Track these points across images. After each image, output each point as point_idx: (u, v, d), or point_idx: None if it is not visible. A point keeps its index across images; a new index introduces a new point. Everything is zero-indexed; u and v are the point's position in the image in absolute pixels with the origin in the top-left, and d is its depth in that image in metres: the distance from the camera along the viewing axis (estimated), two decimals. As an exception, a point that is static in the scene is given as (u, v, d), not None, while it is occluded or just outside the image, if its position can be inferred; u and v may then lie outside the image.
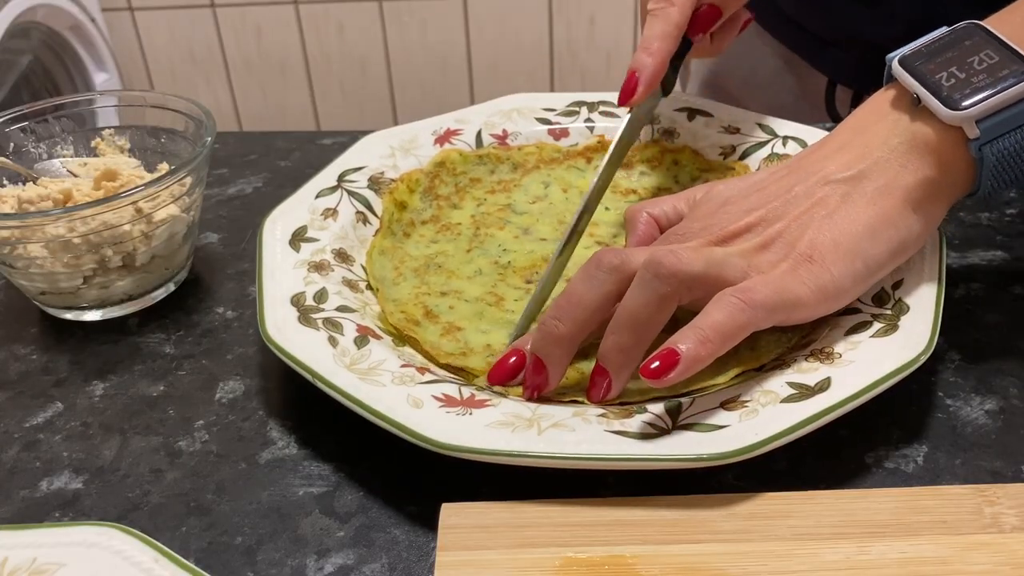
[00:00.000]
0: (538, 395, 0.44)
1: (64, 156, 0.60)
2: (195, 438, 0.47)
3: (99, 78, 1.94)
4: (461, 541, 0.38)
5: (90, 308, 0.55)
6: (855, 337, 0.44)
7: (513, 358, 0.45)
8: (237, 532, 0.41)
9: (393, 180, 0.60)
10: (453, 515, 0.39)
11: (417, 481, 0.43)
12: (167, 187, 0.52)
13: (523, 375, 0.45)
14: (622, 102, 0.56)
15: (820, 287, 0.43)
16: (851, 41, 0.73)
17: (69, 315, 0.55)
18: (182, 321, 0.55)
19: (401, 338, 0.49)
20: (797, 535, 0.38)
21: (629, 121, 0.57)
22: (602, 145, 0.64)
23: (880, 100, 0.49)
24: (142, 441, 0.47)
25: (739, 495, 0.40)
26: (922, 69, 0.46)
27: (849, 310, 0.46)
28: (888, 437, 0.44)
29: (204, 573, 0.35)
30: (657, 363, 0.40)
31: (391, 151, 0.62)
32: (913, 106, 0.46)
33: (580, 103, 0.67)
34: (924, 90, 0.45)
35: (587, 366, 0.46)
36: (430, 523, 0.40)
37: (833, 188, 0.45)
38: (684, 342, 0.40)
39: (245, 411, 0.48)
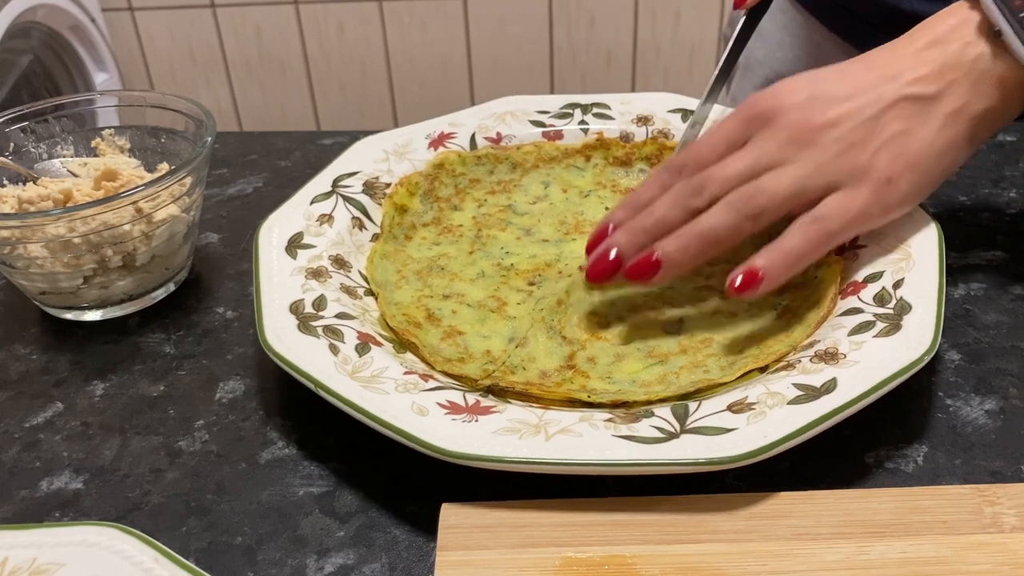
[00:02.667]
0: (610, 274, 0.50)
1: (64, 156, 0.60)
2: (195, 438, 0.47)
3: (99, 78, 1.94)
4: (461, 541, 0.38)
5: (90, 308, 0.55)
6: (858, 337, 0.44)
7: (615, 255, 0.51)
8: (237, 532, 0.41)
9: (388, 184, 0.60)
10: (453, 515, 0.39)
11: (417, 481, 0.43)
12: (167, 187, 0.52)
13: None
14: (737, 5, 0.61)
15: (890, 206, 0.49)
16: (904, 24, 0.74)
17: (69, 315, 0.55)
18: (182, 321, 0.55)
19: (402, 344, 0.49)
20: (797, 535, 0.38)
21: (742, 26, 0.62)
22: (601, 143, 0.64)
23: (961, 18, 0.50)
24: (142, 441, 0.47)
25: (739, 495, 0.40)
26: (1008, 3, 0.48)
27: (852, 310, 0.47)
28: (888, 437, 0.45)
29: (204, 573, 0.35)
30: (740, 281, 0.47)
31: (385, 155, 0.62)
32: (993, 37, 0.48)
33: (574, 105, 0.67)
34: (1008, 27, 0.47)
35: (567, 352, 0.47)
36: (430, 523, 0.40)
37: (911, 105, 0.49)
38: (765, 263, 0.47)
39: (245, 411, 0.48)
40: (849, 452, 0.44)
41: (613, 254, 0.50)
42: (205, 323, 0.55)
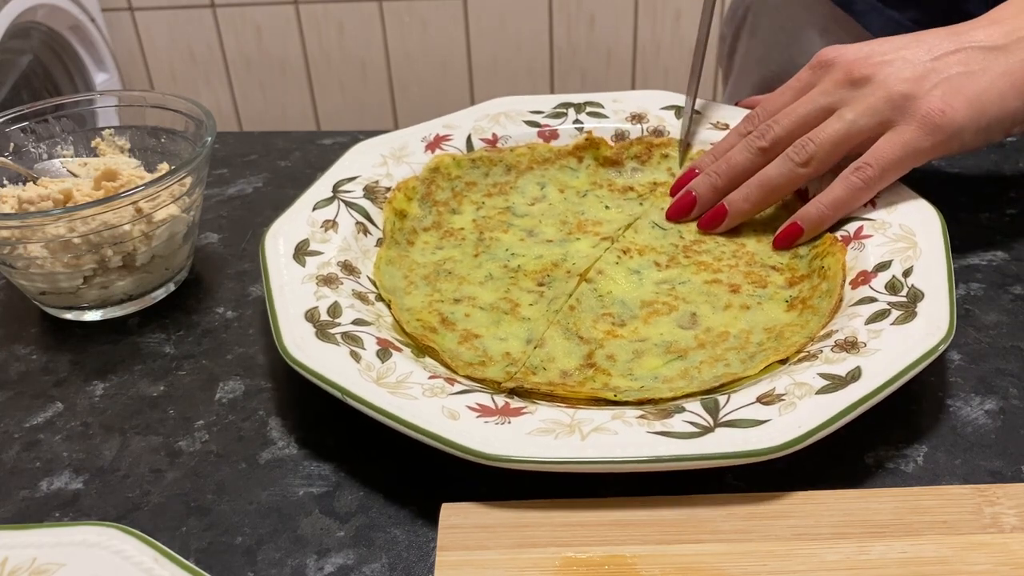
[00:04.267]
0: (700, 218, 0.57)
1: (64, 156, 0.60)
2: (195, 438, 0.47)
3: (99, 78, 1.94)
4: (461, 541, 0.38)
5: (90, 308, 0.55)
6: (876, 326, 0.45)
7: (692, 194, 0.58)
8: (237, 532, 0.41)
9: (388, 189, 0.60)
10: (453, 515, 0.39)
11: (417, 481, 0.43)
12: (167, 187, 0.52)
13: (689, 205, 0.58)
14: None
15: (941, 139, 0.50)
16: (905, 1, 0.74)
17: (69, 315, 0.55)
18: (182, 321, 0.55)
19: (420, 349, 0.49)
20: (797, 535, 0.38)
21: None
22: (591, 142, 0.64)
23: (1018, 5, 0.54)
24: (142, 441, 0.47)
25: (739, 495, 0.40)
26: None
27: (865, 299, 0.47)
28: (888, 437, 0.45)
29: (204, 573, 0.35)
30: (781, 232, 0.54)
31: (383, 159, 0.62)
32: None
33: (567, 104, 0.67)
34: None
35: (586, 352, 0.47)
36: (430, 523, 0.40)
37: (976, 53, 0.52)
38: (806, 213, 0.53)
39: (245, 411, 0.48)
40: (849, 452, 0.44)
41: (690, 196, 0.57)
42: (205, 323, 0.55)
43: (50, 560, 0.36)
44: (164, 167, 0.58)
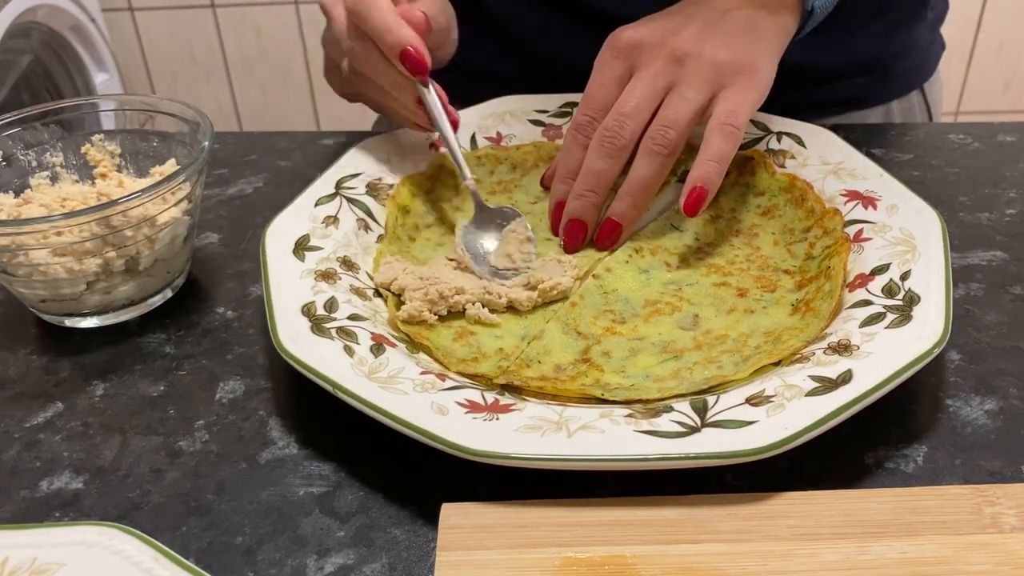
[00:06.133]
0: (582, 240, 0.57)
1: (54, 162, 0.59)
2: (195, 438, 0.47)
3: (99, 78, 1.94)
4: (461, 541, 0.38)
5: (90, 315, 0.54)
6: (870, 329, 0.45)
7: (577, 219, 0.56)
8: (237, 532, 0.41)
9: (391, 186, 0.60)
10: (453, 515, 0.39)
11: (417, 481, 0.43)
12: (170, 190, 0.51)
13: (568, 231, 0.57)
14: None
15: (763, 89, 0.57)
16: None
17: (68, 322, 0.55)
18: (182, 321, 0.55)
19: (415, 344, 0.49)
20: (797, 535, 0.38)
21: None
22: None
23: None
24: (142, 441, 0.47)
25: (739, 495, 0.40)
26: None
27: (861, 302, 0.47)
28: (888, 437, 0.45)
29: (204, 573, 0.35)
30: (690, 201, 0.53)
31: (387, 156, 0.62)
32: None
33: (571, 104, 0.67)
34: None
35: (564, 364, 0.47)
36: (430, 523, 0.40)
37: (734, 17, 0.57)
38: (702, 175, 0.53)
39: (245, 411, 0.48)
40: (849, 452, 0.44)
41: (577, 222, 0.56)
42: (205, 323, 0.55)
43: (50, 560, 0.36)
44: (156, 171, 0.57)
